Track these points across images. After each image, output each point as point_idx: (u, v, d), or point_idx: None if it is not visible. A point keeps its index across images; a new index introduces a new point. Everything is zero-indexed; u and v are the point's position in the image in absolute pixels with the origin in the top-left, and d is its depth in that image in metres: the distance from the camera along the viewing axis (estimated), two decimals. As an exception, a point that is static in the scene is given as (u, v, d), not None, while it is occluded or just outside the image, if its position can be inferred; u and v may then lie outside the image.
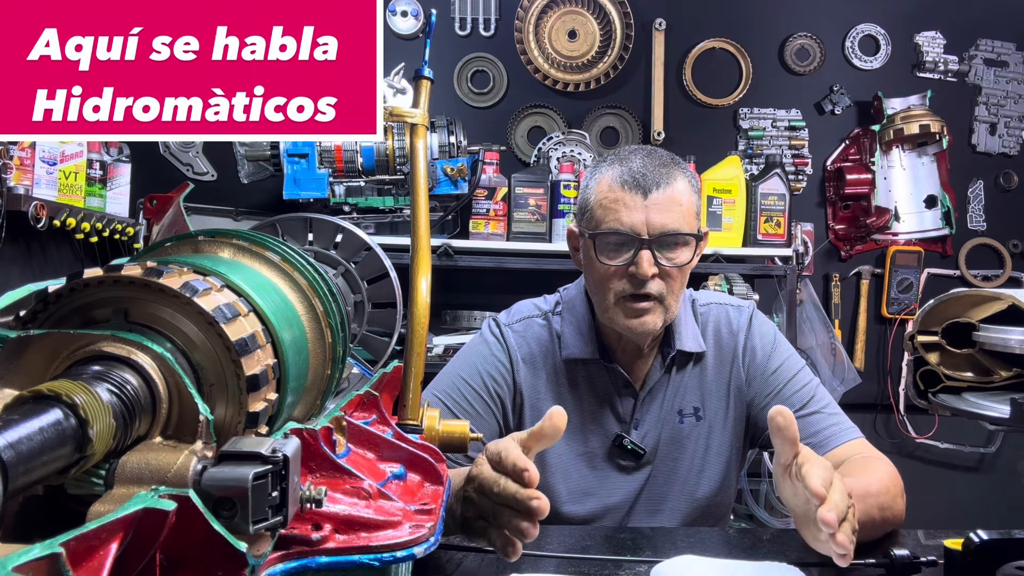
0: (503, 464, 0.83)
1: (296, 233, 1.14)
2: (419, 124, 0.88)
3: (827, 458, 1.22)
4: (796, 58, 3.08)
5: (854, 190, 3.03)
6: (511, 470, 0.82)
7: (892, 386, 3.07)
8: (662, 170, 1.21)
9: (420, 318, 0.84)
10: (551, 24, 2.90)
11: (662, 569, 0.91)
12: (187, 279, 0.55)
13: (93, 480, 0.49)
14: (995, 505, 3.02)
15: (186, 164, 2.81)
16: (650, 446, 1.31)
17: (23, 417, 0.42)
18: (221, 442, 0.53)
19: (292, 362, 0.62)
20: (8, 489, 0.39)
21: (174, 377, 0.52)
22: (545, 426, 0.85)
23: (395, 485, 0.67)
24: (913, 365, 1.06)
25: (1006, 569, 0.82)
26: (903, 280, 3.06)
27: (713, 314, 1.37)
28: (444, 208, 2.51)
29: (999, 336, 0.97)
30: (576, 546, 1.06)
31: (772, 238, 2.75)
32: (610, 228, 1.20)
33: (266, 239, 0.70)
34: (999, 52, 3.14)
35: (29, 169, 1.93)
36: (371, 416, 0.77)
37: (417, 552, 0.58)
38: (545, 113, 2.97)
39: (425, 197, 0.88)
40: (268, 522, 0.48)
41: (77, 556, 0.35)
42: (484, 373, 1.32)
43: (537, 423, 0.86)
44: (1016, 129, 3.16)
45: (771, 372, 1.32)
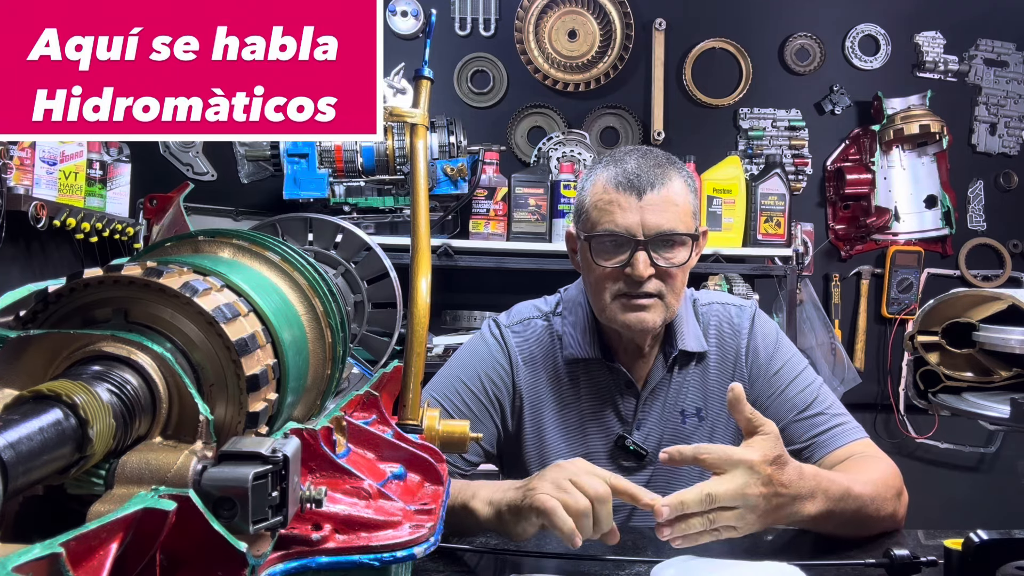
0: (618, 487, 0.96)
1: (296, 233, 1.13)
2: (419, 124, 0.88)
3: (830, 458, 1.23)
4: (796, 58, 3.08)
5: (854, 190, 3.03)
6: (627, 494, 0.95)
7: (892, 386, 3.07)
8: (657, 170, 1.21)
9: (420, 318, 0.84)
10: (551, 24, 2.90)
11: (662, 569, 0.91)
12: (187, 279, 0.55)
13: (93, 480, 0.49)
14: (995, 505, 3.02)
15: (186, 164, 2.81)
16: (652, 446, 1.31)
17: (23, 417, 0.42)
18: (221, 442, 0.53)
19: (292, 362, 0.62)
20: (8, 489, 0.39)
21: (174, 377, 0.52)
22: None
23: (395, 485, 0.67)
24: (913, 365, 1.06)
25: (1006, 569, 0.82)
26: (903, 280, 3.06)
27: (715, 314, 1.37)
28: (444, 208, 2.51)
29: (999, 336, 0.97)
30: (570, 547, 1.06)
31: (772, 238, 2.75)
32: (605, 230, 1.20)
33: (266, 239, 0.70)
34: (999, 52, 3.14)
35: (29, 169, 1.93)
36: (371, 416, 0.77)
37: (417, 552, 0.58)
38: (545, 113, 2.97)
39: (425, 197, 0.88)
40: (268, 522, 0.48)
41: (77, 556, 0.35)
42: (483, 375, 1.32)
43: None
44: (1016, 129, 3.16)
45: (773, 373, 1.32)
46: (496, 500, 1.03)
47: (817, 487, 1.02)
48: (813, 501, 1.01)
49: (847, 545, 1.09)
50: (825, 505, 1.03)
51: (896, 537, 1.15)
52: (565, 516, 0.92)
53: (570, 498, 0.93)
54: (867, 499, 1.09)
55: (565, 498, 0.93)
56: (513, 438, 1.33)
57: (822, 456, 1.24)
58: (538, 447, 1.32)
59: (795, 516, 1.01)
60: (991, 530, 0.86)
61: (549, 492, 0.94)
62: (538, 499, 0.94)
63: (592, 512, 0.93)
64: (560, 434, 1.32)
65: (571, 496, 0.93)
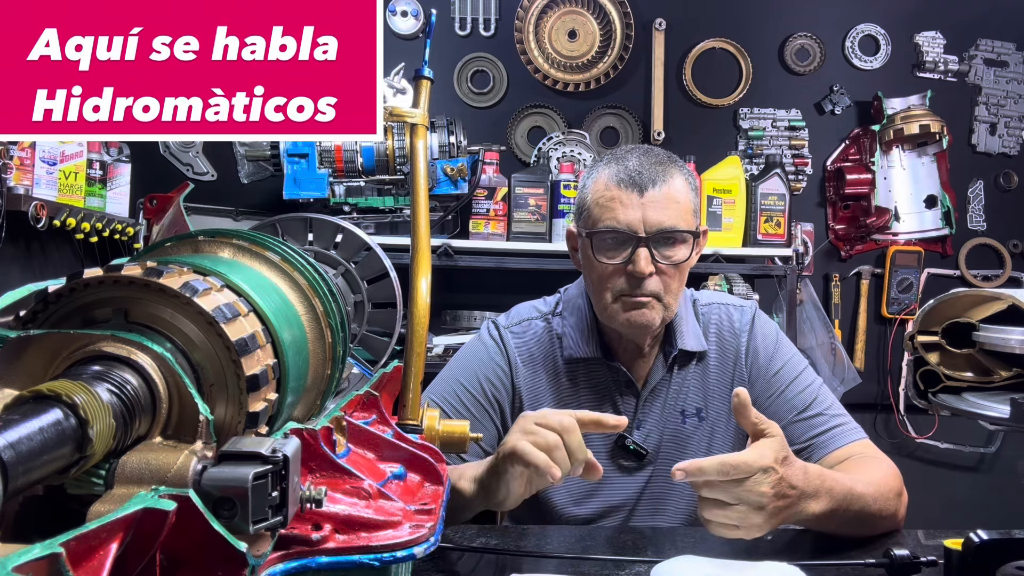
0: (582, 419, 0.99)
1: (296, 233, 1.13)
2: (419, 124, 0.88)
3: (829, 459, 1.23)
4: (796, 58, 3.08)
5: (854, 190, 3.03)
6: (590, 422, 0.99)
7: (892, 386, 3.07)
8: (658, 168, 1.21)
9: (420, 318, 0.84)
10: (551, 24, 2.90)
11: (662, 569, 0.91)
12: (187, 279, 0.55)
13: (93, 480, 0.49)
14: (995, 505, 3.02)
15: (186, 164, 2.81)
16: (652, 446, 1.31)
17: (23, 417, 0.42)
18: (221, 442, 0.53)
19: (292, 362, 0.62)
20: (8, 489, 0.39)
21: (174, 377, 0.52)
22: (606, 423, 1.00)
23: (395, 485, 0.67)
24: (913, 365, 1.06)
25: (1006, 569, 0.82)
26: (903, 280, 3.06)
27: (715, 314, 1.37)
28: (444, 208, 2.51)
29: (999, 336, 0.97)
30: (576, 546, 1.06)
31: (772, 238, 2.75)
32: (607, 226, 1.20)
33: (266, 239, 0.70)
34: (999, 52, 3.14)
35: (29, 169, 1.93)
36: (371, 416, 0.77)
37: (417, 552, 0.59)
38: (545, 113, 2.97)
39: (425, 197, 0.88)
40: (268, 522, 0.48)
41: (77, 556, 0.35)
42: (482, 377, 1.32)
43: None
44: (1016, 129, 3.16)
45: (773, 373, 1.32)
46: (479, 475, 1.07)
47: (821, 486, 1.02)
48: (817, 500, 1.02)
49: (847, 545, 1.09)
50: (829, 504, 1.03)
51: (896, 537, 1.15)
52: (537, 452, 0.95)
53: (538, 437, 0.97)
54: (869, 499, 1.09)
55: (534, 438, 0.97)
56: (513, 438, 1.33)
57: (821, 457, 1.24)
58: (538, 447, 1.32)
59: (800, 515, 1.01)
60: (991, 530, 0.86)
61: (517, 437, 0.98)
62: (508, 445, 0.98)
63: (563, 444, 0.97)
64: (560, 434, 1.32)
65: (539, 435, 0.97)
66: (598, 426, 1.00)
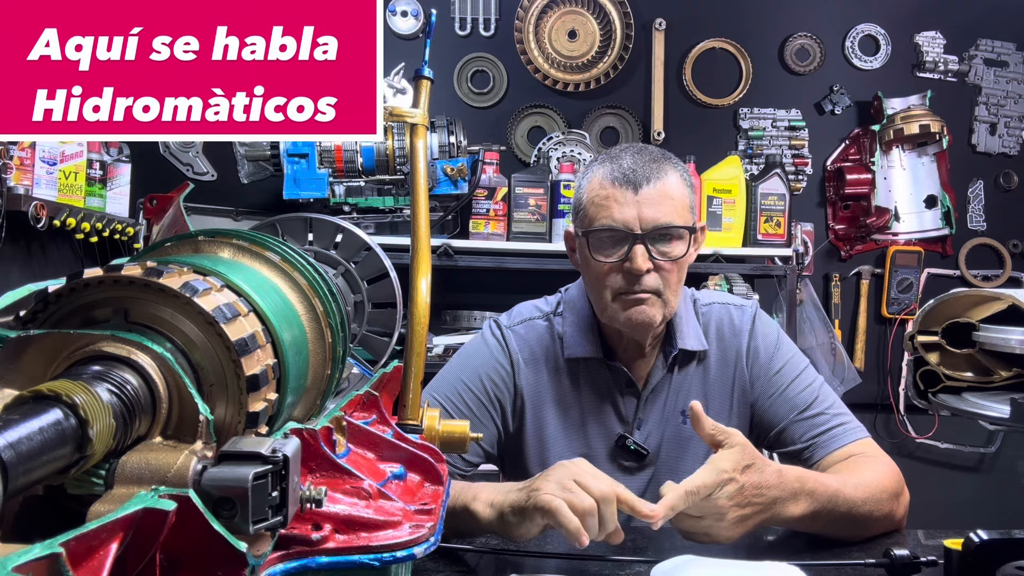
0: (623, 498, 0.94)
1: (296, 233, 1.13)
2: (419, 124, 0.88)
3: (830, 458, 1.22)
4: (796, 58, 3.08)
5: (854, 190, 3.03)
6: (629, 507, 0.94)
7: (892, 386, 3.07)
8: (652, 165, 1.21)
9: (420, 318, 0.84)
10: (551, 24, 2.90)
11: (662, 569, 0.91)
12: (187, 279, 0.55)
13: (93, 480, 0.49)
14: (995, 505, 3.02)
15: (186, 164, 2.81)
16: (653, 446, 1.31)
17: (23, 417, 0.42)
18: (221, 442, 0.53)
19: (292, 362, 0.62)
20: (8, 489, 0.39)
21: (174, 377, 0.52)
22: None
23: (395, 485, 0.67)
24: (913, 365, 1.07)
25: (1006, 569, 0.82)
26: (903, 280, 3.06)
27: (715, 314, 1.37)
28: (444, 208, 2.51)
29: (999, 336, 0.97)
30: (577, 546, 1.06)
31: (772, 238, 2.75)
32: (603, 225, 1.21)
33: (266, 239, 0.70)
34: (999, 52, 3.14)
35: (29, 169, 1.93)
36: (371, 416, 0.77)
37: (417, 552, 0.58)
38: (545, 113, 2.97)
39: (425, 197, 0.88)
40: (268, 522, 0.48)
41: (77, 556, 0.35)
42: (484, 376, 1.32)
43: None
44: (1016, 129, 3.16)
45: (774, 373, 1.32)
46: (498, 502, 1.03)
47: (801, 489, 1.03)
48: (796, 503, 1.03)
49: (847, 545, 1.09)
50: (811, 506, 1.04)
51: (896, 537, 1.15)
52: (571, 515, 0.92)
53: (575, 498, 0.93)
54: (859, 500, 1.09)
55: (570, 498, 0.93)
56: (514, 438, 1.33)
57: (823, 456, 1.23)
58: (539, 447, 1.32)
59: (779, 517, 1.02)
60: (991, 530, 0.86)
61: (554, 492, 0.94)
62: (543, 499, 0.94)
63: (597, 512, 0.93)
64: (561, 434, 1.32)
65: (576, 496, 0.93)
66: (631, 509, 0.95)
